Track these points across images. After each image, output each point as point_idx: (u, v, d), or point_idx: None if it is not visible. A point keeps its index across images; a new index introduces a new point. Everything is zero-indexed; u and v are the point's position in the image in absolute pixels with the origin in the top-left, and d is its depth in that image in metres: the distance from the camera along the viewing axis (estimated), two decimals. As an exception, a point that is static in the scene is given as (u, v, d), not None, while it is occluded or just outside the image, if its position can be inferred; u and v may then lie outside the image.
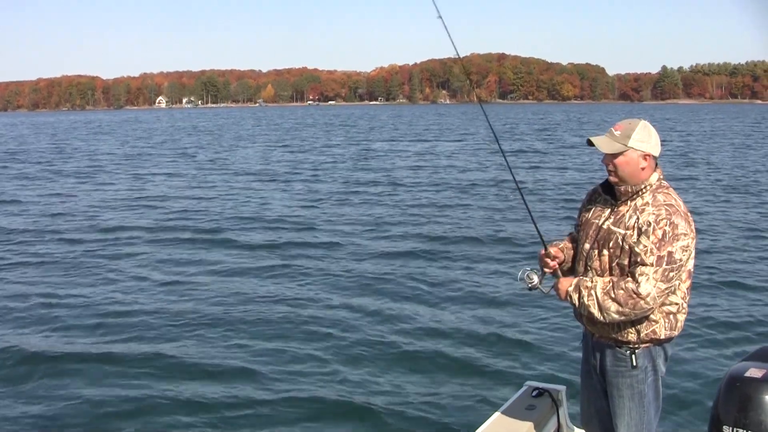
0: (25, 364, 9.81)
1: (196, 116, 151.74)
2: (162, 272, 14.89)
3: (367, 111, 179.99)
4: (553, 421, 5.25)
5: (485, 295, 12.82)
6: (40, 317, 11.95)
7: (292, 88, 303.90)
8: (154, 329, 11.22)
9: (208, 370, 9.50)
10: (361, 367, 9.53)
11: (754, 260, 15.37)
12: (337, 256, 16.10)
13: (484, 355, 9.87)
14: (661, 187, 4.31)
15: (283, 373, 9.38)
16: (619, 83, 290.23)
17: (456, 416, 8.00)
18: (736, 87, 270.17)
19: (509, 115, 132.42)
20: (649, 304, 4.12)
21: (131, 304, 12.60)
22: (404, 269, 14.69)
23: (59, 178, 33.97)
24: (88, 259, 16.24)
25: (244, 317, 11.68)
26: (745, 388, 4.34)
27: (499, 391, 8.46)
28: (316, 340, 10.50)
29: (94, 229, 20.06)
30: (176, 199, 25.87)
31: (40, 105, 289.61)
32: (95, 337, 10.98)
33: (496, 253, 16.09)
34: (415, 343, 10.33)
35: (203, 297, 12.92)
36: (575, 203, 21.10)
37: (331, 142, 59.92)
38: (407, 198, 25.65)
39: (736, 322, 11.17)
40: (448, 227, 19.50)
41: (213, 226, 20.25)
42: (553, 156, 43.38)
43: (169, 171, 36.71)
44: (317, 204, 24.49)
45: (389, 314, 11.69)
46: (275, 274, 14.58)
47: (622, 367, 4.38)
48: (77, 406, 8.54)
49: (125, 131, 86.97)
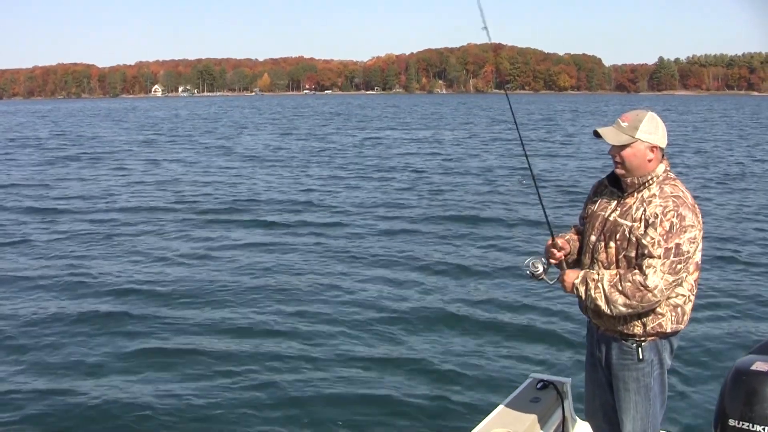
0: (55, 335, 10.41)
1: (199, 105, 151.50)
2: (200, 249, 15.84)
3: (372, 100, 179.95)
4: (558, 413, 5.25)
5: (490, 286, 12.84)
6: (75, 288, 12.76)
7: (288, 77, 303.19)
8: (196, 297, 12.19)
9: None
10: (360, 360, 9.49)
11: (761, 252, 15.44)
12: (339, 240, 16.46)
13: (488, 347, 9.87)
14: (668, 178, 4.29)
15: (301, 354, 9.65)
16: (615, 74, 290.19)
17: (460, 408, 8.00)
18: (733, 78, 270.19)
19: (506, 105, 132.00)
20: (656, 296, 4.10)
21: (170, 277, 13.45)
22: (410, 258, 14.75)
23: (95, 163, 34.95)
24: (120, 237, 17.30)
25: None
26: (752, 381, 4.31)
27: (504, 383, 8.44)
28: (314, 334, 10.48)
29: (125, 210, 21.18)
30: (219, 185, 26.60)
31: (36, 93, 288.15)
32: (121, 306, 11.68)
33: (502, 243, 16.08)
34: (420, 334, 10.36)
35: (235, 270, 13.93)
36: (579, 194, 21.23)
37: (346, 129, 60.71)
38: (420, 185, 25.98)
39: (742, 315, 11.18)
40: (450, 216, 19.56)
41: (232, 206, 21.51)
42: (556, 145, 43.41)
43: (204, 158, 37.41)
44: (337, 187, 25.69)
45: (392, 306, 11.68)
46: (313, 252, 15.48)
47: (628, 360, 4.36)
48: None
49: (137, 119, 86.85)
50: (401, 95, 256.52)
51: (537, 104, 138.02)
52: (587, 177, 27.15)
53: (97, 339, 10.25)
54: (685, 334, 4.83)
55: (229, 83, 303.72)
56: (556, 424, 5.20)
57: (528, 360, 9.34)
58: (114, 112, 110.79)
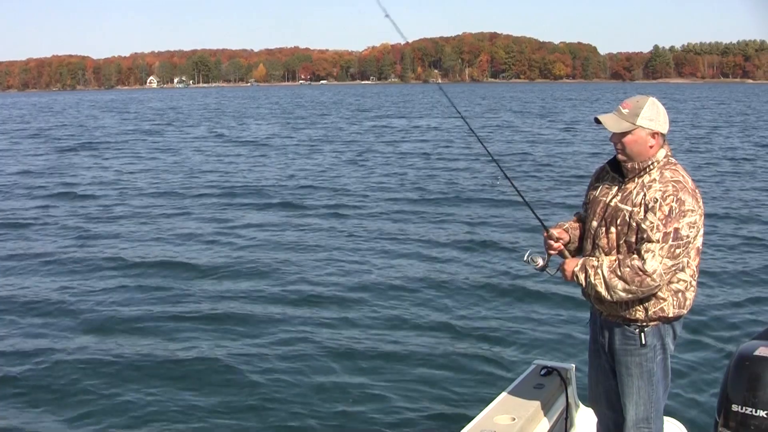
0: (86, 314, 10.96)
1: (197, 95, 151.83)
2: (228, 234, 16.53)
3: (370, 90, 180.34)
4: (561, 399, 5.25)
5: (493, 274, 12.86)
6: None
7: (283, 68, 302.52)
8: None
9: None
10: (361, 347, 9.50)
11: (764, 237, 15.49)
12: (337, 231, 16.56)
13: (492, 334, 9.90)
14: (669, 163, 4.29)
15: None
16: (610, 62, 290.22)
17: (464, 395, 8.03)
18: (728, 66, 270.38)
19: (503, 93, 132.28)
20: (655, 281, 4.10)
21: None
22: (412, 249, 14.76)
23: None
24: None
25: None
26: (755, 367, 4.34)
27: (508, 369, 8.50)
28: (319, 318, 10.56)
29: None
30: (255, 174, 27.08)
31: (30, 85, 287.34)
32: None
33: (505, 232, 16.13)
34: (424, 323, 10.36)
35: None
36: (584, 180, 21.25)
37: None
38: (420, 174, 26.16)
39: (745, 301, 11.21)
40: (451, 205, 19.69)
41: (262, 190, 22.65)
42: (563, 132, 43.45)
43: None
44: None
45: (393, 293, 11.73)
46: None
47: (631, 345, 4.37)
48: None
49: (141, 110, 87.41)
50: (396, 85, 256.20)
51: (536, 92, 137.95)
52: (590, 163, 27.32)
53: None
54: (688, 320, 4.84)
55: (224, 74, 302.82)
56: (560, 410, 5.20)
57: (531, 346, 9.36)
58: (114, 103, 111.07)
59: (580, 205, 4.80)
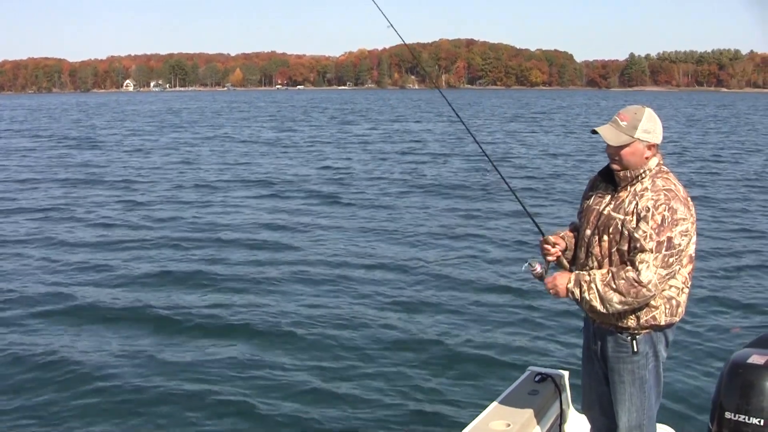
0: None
1: (181, 100, 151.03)
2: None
3: (350, 96, 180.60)
4: (555, 406, 5.27)
5: (487, 280, 12.88)
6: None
7: (260, 72, 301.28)
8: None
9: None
10: (355, 353, 9.52)
11: (757, 245, 15.62)
12: (330, 237, 16.65)
13: (486, 340, 9.92)
14: (661, 172, 4.31)
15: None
16: (587, 70, 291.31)
17: (458, 401, 8.03)
18: (702, 75, 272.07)
19: (478, 100, 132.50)
20: (651, 291, 4.13)
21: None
22: (407, 255, 14.79)
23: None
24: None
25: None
26: (748, 374, 4.37)
27: (502, 376, 8.47)
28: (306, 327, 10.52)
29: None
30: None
31: (5, 87, 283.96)
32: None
33: (500, 239, 16.17)
34: (417, 329, 10.35)
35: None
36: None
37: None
38: (420, 179, 26.36)
39: (738, 308, 11.27)
40: (447, 210, 19.82)
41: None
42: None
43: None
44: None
45: (388, 299, 11.76)
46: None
47: (624, 352, 4.39)
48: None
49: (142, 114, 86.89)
50: (373, 90, 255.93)
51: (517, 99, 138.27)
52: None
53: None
54: (681, 327, 4.90)
55: (201, 78, 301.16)
56: (554, 417, 5.23)
57: (526, 353, 9.37)
58: (99, 107, 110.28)
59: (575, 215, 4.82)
